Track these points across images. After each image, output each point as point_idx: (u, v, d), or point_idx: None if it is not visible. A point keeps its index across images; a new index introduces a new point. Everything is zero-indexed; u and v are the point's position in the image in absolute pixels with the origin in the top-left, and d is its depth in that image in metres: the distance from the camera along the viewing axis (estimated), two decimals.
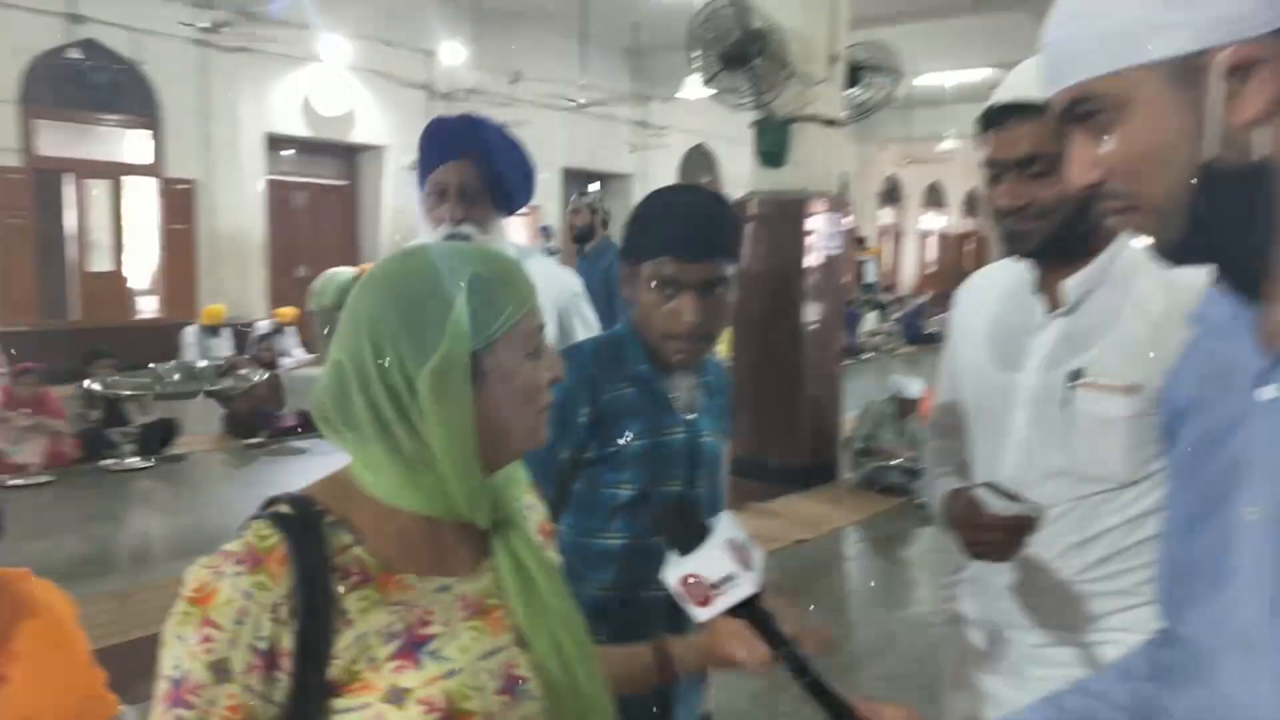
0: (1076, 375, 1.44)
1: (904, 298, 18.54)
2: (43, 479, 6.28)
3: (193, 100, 10.83)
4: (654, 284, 1.44)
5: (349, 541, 0.95)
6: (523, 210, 2.25)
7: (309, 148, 12.48)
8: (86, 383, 6.87)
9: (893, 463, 6.51)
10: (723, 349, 9.71)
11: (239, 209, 11.42)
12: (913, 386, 6.65)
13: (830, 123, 6.70)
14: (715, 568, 1.04)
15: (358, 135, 12.51)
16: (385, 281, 0.98)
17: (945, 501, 1.56)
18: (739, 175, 6.99)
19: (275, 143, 11.86)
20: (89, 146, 10.54)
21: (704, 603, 1.05)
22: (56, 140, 10.17)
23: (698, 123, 15.33)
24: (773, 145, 6.56)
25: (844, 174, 7.56)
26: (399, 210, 12.61)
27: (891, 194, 21.80)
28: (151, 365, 1.74)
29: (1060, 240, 1.44)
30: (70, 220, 10.49)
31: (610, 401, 1.46)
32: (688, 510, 1.11)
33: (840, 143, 7.05)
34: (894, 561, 5.66)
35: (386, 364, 0.94)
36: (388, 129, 12.57)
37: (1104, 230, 1.45)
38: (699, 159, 16.89)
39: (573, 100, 13.89)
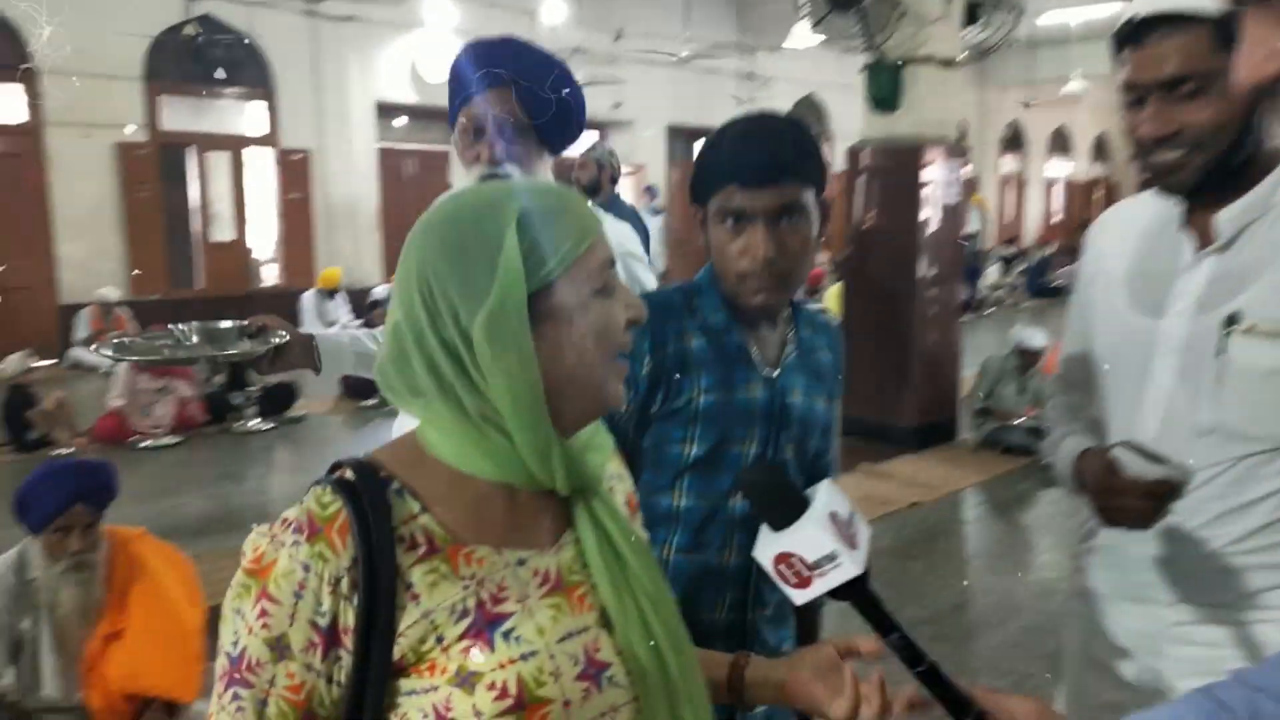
0: (1232, 320, 1.27)
1: (1028, 249, 17.77)
2: (172, 441, 6.56)
3: (305, 71, 11.06)
4: (721, 220, 1.31)
5: (416, 510, 0.88)
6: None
7: (417, 114, 12.61)
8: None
9: (1015, 421, 6.21)
10: (833, 305, 9.45)
11: (352, 177, 11.65)
12: (1036, 337, 6.31)
13: (947, 64, 6.36)
14: (815, 545, 0.92)
15: None
16: (432, 228, 0.90)
17: (1076, 463, 1.41)
18: (851, 127, 6.70)
19: (385, 110, 12.02)
20: (209, 120, 10.88)
21: (802, 584, 0.93)
22: (178, 115, 10.53)
23: (806, 72, 14.94)
24: (885, 90, 6.27)
25: (962, 120, 7.19)
26: None
27: (1014, 140, 20.82)
28: (171, 326, 1.73)
29: (1214, 172, 1.26)
30: (193, 193, 10.87)
31: (676, 353, 1.34)
32: (782, 478, 0.99)
33: (958, 86, 6.70)
34: (1016, 526, 5.41)
35: (440, 317, 0.86)
36: None
37: (1264, 158, 1.27)
38: (808, 110, 16.43)
39: (675, 54, 13.64)
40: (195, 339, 1.63)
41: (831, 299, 9.88)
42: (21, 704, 2.49)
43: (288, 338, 1.70)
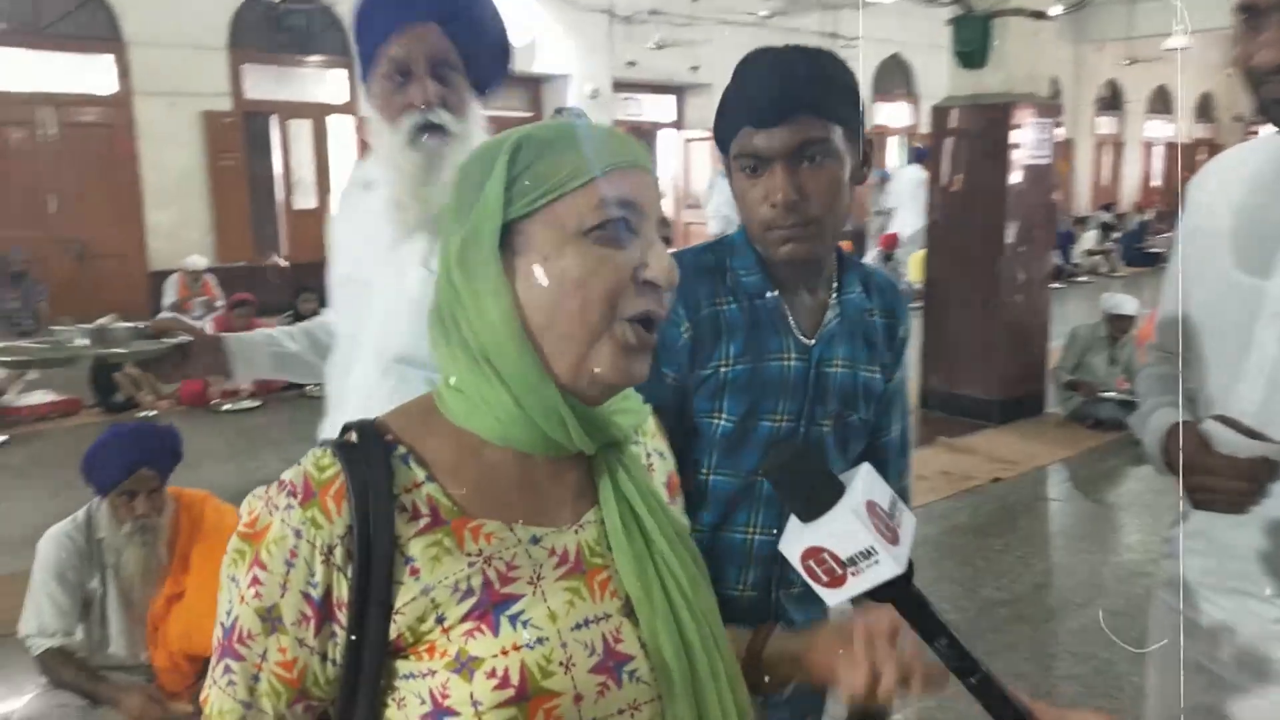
0: None
1: (1124, 215, 17.03)
2: (251, 404, 6.70)
3: None
4: (740, 166, 1.19)
5: (421, 478, 0.81)
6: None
7: None
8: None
9: (1105, 394, 5.93)
10: (915, 272, 9.17)
11: None
12: (1128, 304, 6.00)
13: (1038, 16, 6.04)
14: (849, 539, 0.81)
15: (540, 65, 12.52)
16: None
17: (1165, 438, 1.27)
18: (938, 87, 6.43)
19: None
20: (291, 88, 11.02)
21: (835, 583, 0.83)
22: (262, 83, 10.68)
23: (891, 30, 14.47)
24: (972, 43, 5.98)
25: (1054, 77, 6.84)
26: None
27: (1111, 100, 19.92)
28: (54, 327, 1.63)
29: None
30: (276, 161, 11.05)
31: (709, 317, 1.23)
32: (813, 461, 0.88)
33: (1050, 40, 6.37)
34: (1102, 504, 5.17)
35: (443, 245, 0.82)
36: (570, 57, 12.51)
37: None
38: (894, 70, 15.97)
39: (755, 14, 13.34)
40: (82, 340, 1.50)
41: (914, 265, 9.60)
42: (90, 661, 2.53)
43: (189, 339, 1.58)
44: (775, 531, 1.26)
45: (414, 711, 0.78)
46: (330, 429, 1.56)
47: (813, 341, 1.26)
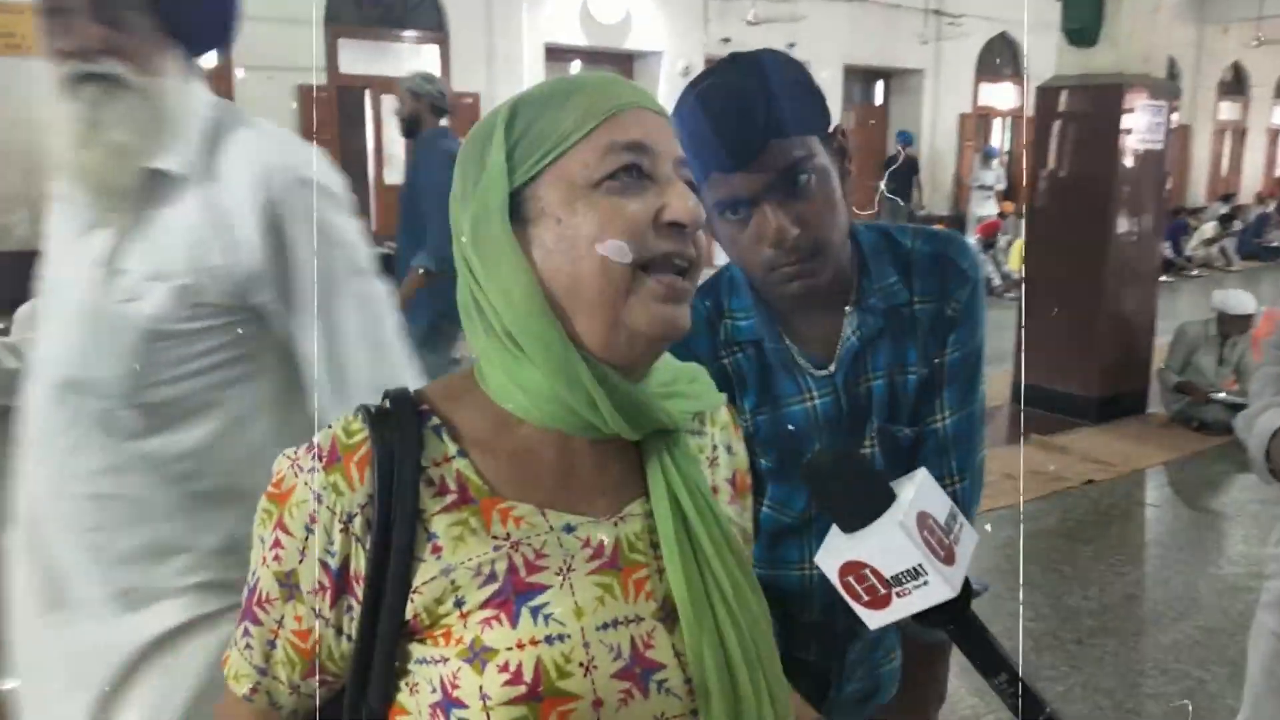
0: None
1: (1243, 206, 16.15)
2: None
3: (478, 13, 11.16)
4: (721, 214, 1.05)
5: (452, 452, 0.77)
6: None
7: (587, 57, 12.56)
8: None
9: (1213, 395, 5.58)
10: (1015, 262, 8.84)
11: None
12: (1241, 300, 5.60)
13: None
14: (894, 554, 0.71)
15: (634, 42, 12.42)
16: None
17: (1270, 441, 1.19)
18: (1047, 68, 6.12)
19: (553, 53, 12.01)
20: (385, 63, 11.16)
21: (877, 603, 0.73)
22: (356, 58, 10.84)
23: (999, 8, 13.92)
24: (1084, 19, 5.66)
25: (1172, 58, 6.45)
26: None
27: (1234, 84, 18.86)
28: None
29: None
30: (369, 135, 11.18)
31: (716, 374, 1.09)
32: (859, 463, 0.77)
33: (1168, 18, 5.99)
34: (1204, 512, 4.87)
35: (455, 234, 0.78)
36: (663, 33, 12.39)
37: None
38: (1000, 50, 15.39)
39: None
40: None
41: (1014, 256, 9.27)
42: None
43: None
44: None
45: (425, 699, 0.74)
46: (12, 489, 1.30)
47: (831, 369, 1.12)
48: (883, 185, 11.55)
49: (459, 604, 0.73)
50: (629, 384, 0.76)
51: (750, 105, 1.00)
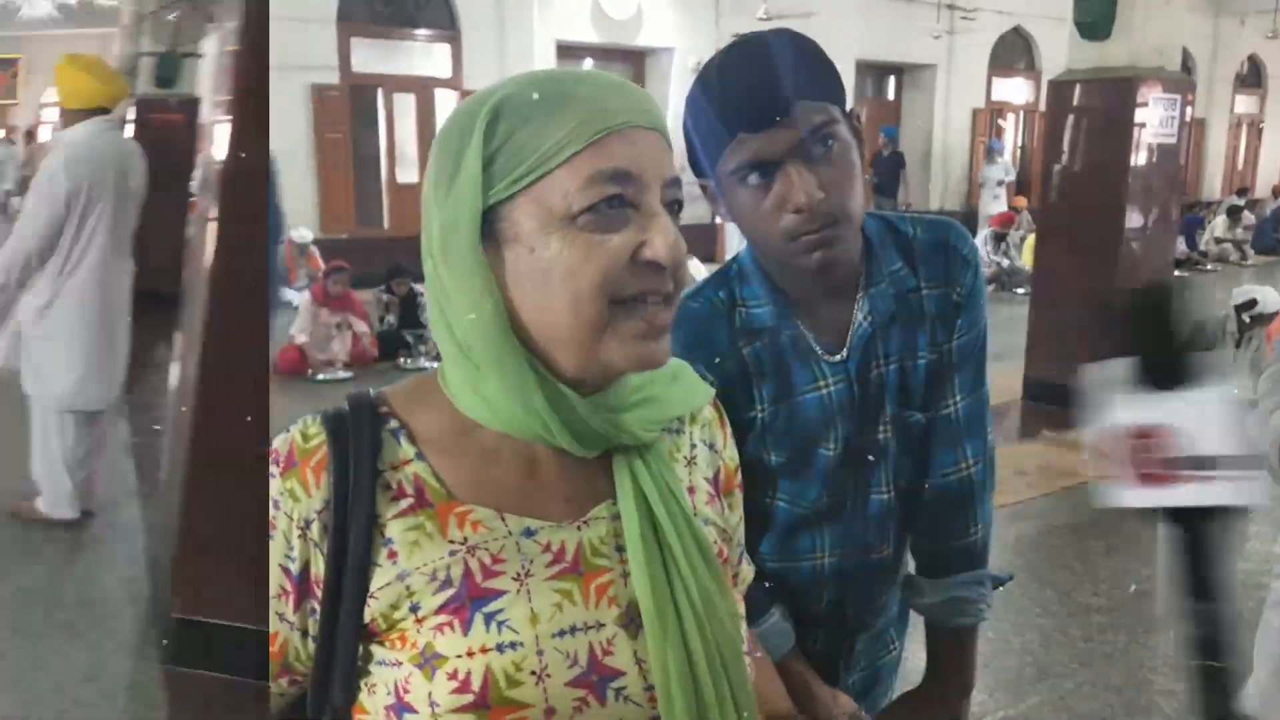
0: None
1: (1259, 201, 16.04)
2: (345, 375, 6.81)
3: (489, 11, 11.18)
4: (741, 180, 1.03)
5: (410, 455, 0.75)
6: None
7: (597, 54, 12.56)
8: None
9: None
10: (1028, 258, 8.78)
11: None
12: (1264, 296, 5.54)
13: None
14: (1216, 434, 0.65)
15: (645, 38, 12.42)
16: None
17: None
18: (1062, 62, 6.09)
19: (564, 51, 12.02)
20: (397, 62, 11.20)
21: (1152, 479, 0.67)
22: (368, 57, 10.87)
23: (1013, 3, 13.86)
24: (1095, 12, 5.62)
25: (1187, 51, 6.41)
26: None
27: (1250, 77, 18.72)
28: None
29: None
30: (381, 134, 11.22)
31: (733, 364, 1.12)
32: (1185, 298, 0.73)
33: (1182, 11, 5.94)
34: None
35: (425, 228, 0.75)
36: (674, 30, 12.38)
37: None
38: (1014, 44, 15.33)
39: None
40: None
41: (1027, 252, 9.23)
42: None
43: None
44: (839, 553, 1.18)
45: (380, 700, 0.73)
46: None
47: (844, 355, 1.12)
48: (867, 178, 11.53)
49: (414, 609, 0.71)
50: (591, 402, 0.74)
51: (779, 65, 1.00)
